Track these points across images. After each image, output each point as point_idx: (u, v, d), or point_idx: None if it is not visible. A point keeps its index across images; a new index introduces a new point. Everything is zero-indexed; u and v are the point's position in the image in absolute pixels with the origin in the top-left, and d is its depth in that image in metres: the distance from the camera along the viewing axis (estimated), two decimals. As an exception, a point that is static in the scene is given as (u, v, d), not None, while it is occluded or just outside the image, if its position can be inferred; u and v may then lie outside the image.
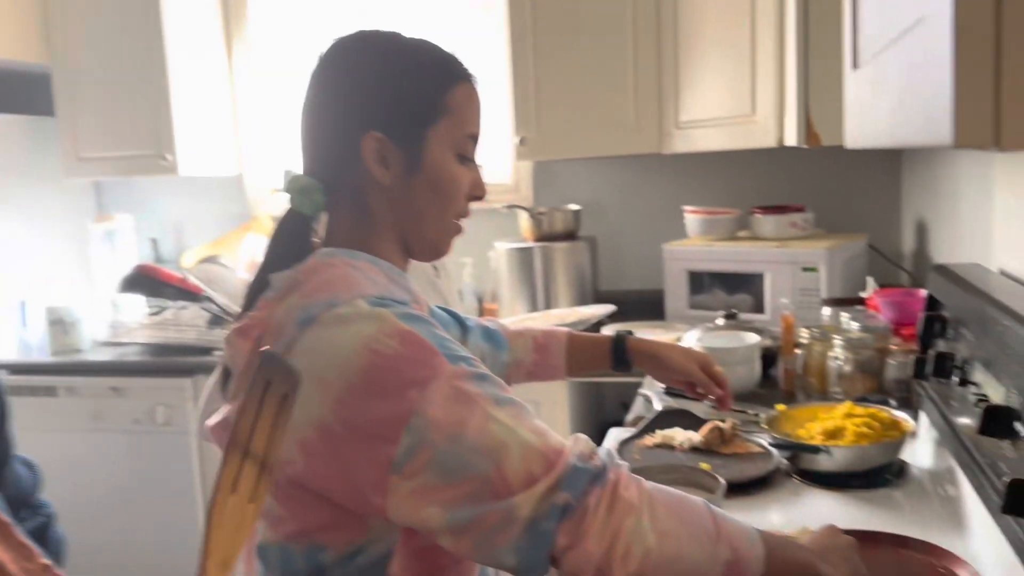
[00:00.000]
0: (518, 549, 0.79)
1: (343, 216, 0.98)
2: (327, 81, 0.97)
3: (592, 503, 0.79)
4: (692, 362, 1.38)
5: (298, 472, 0.85)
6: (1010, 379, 0.99)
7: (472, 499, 0.79)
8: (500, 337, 1.36)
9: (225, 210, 3.40)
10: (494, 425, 0.80)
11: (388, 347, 0.82)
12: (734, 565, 0.83)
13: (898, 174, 2.76)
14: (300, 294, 0.89)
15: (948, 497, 1.37)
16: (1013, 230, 1.41)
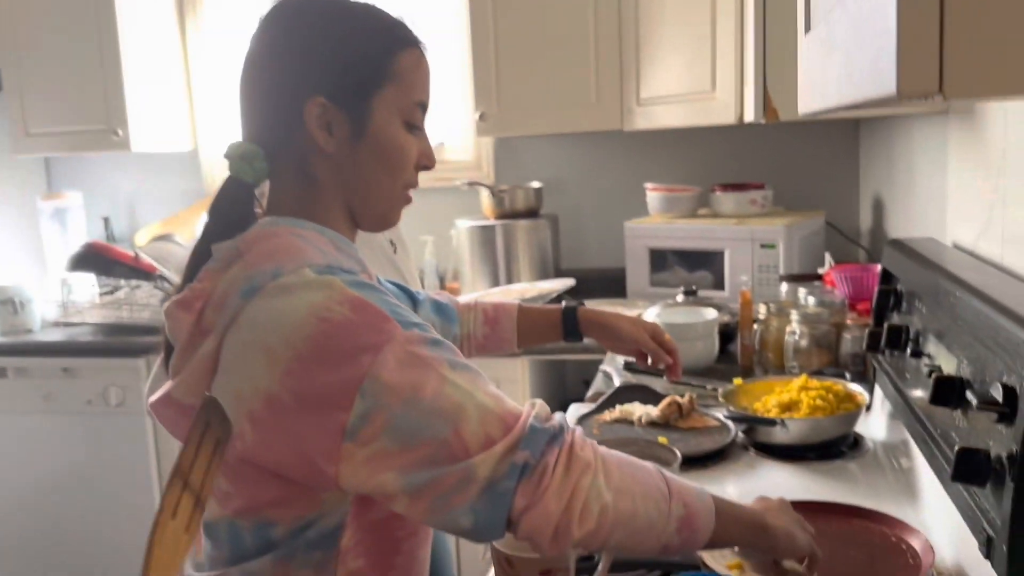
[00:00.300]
0: (475, 510, 0.79)
1: (286, 184, 0.95)
2: (269, 44, 0.94)
3: (551, 462, 0.79)
4: (641, 331, 1.37)
5: (247, 447, 0.84)
6: (961, 350, 1.00)
7: (429, 462, 0.79)
8: (451, 310, 1.35)
9: (179, 187, 3.33)
10: (450, 388, 0.80)
11: (339, 314, 0.80)
12: (687, 520, 0.85)
13: (855, 150, 2.79)
14: (243, 264, 0.86)
15: (901, 468, 1.39)
16: (965, 203, 1.42)
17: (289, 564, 0.89)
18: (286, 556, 0.88)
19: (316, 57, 0.91)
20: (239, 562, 0.90)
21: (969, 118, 1.39)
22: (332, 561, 0.89)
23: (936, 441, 1.06)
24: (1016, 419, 0.77)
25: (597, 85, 2.59)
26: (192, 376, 0.86)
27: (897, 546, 1.09)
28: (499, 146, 3.07)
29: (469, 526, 0.80)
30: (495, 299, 1.42)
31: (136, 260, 2.78)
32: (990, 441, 0.85)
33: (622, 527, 0.82)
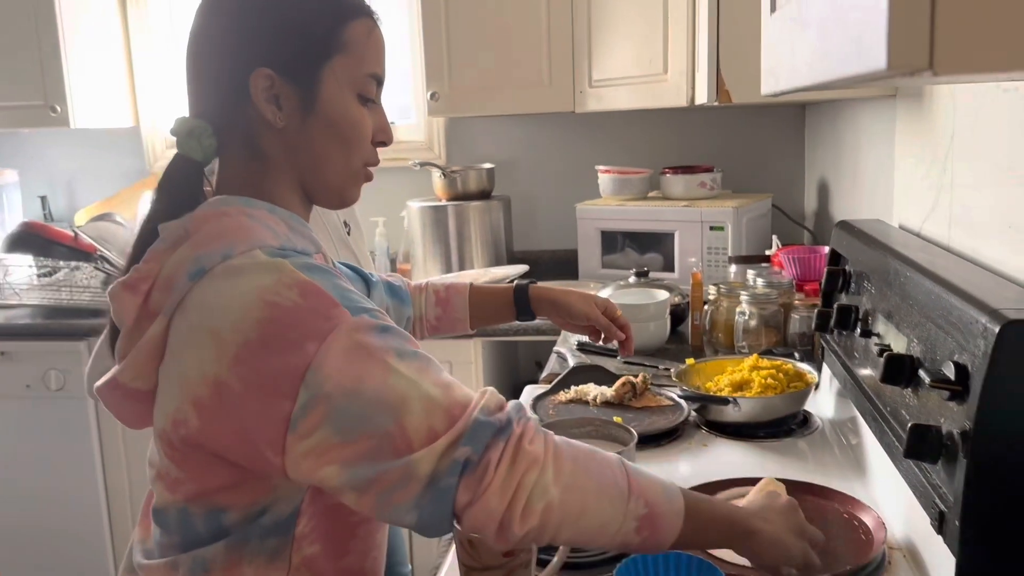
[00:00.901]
0: (419, 507, 0.77)
1: (235, 161, 0.92)
2: (213, 14, 0.90)
3: (494, 457, 0.76)
4: (593, 307, 1.36)
5: (192, 432, 0.82)
6: (911, 329, 1.02)
7: (371, 456, 0.76)
8: (404, 292, 1.33)
9: (120, 165, 3.24)
10: (395, 378, 0.77)
11: (287, 299, 0.78)
12: (648, 519, 0.82)
13: (801, 133, 2.83)
14: (191, 245, 0.83)
15: (850, 445, 1.42)
16: (912, 187, 1.45)
17: (243, 551, 0.87)
18: (239, 543, 0.86)
19: (261, 27, 0.87)
20: (190, 548, 0.87)
21: (917, 102, 1.42)
22: (287, 548, 0.88)
23: (886, 419, 1.08)
24: (969, 397, 0.78)
25: (549, 67, 2.58)
26: (139, 359, 0.84)
27: (849, 522, 1.12)
28: (451, 126, 3.04)
29: (414, 522, 0.78)
30: (445, 280, 1.40)
31: (75, 240, 2.69)
32: (941, 418, 0.87)
33: (570, 525, 0.79)
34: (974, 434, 0.77)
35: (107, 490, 2.66)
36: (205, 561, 0.87)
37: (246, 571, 0.87)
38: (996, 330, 0.76)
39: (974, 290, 0.87)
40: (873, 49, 0.36)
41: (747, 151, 2.86)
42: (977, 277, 0.97)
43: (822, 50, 0.48)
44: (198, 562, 0.87)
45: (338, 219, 1.61)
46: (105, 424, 2.60)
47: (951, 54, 0.35)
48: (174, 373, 0.82)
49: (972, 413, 0.77)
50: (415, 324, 1.35)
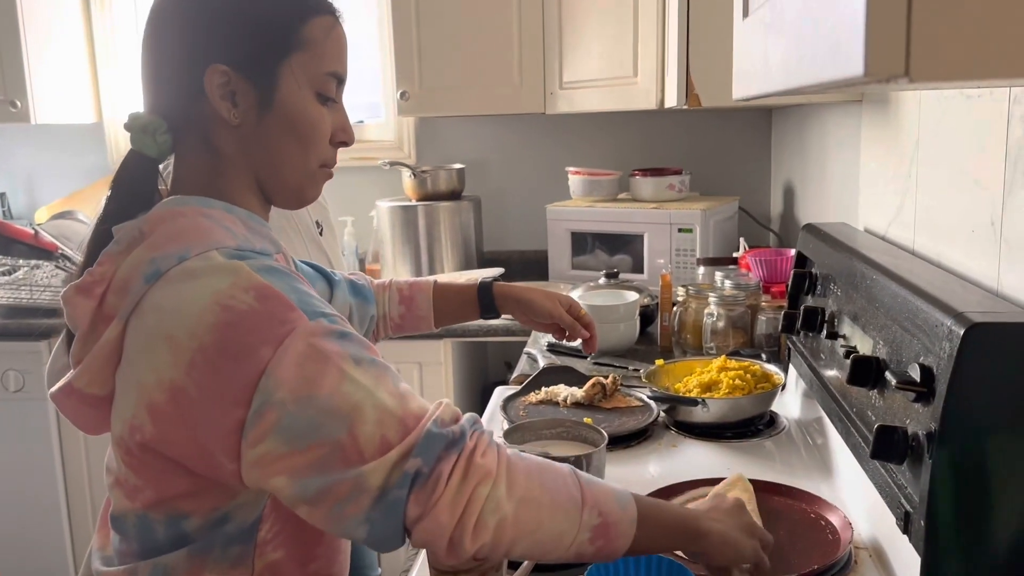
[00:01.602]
0: (370, 520, 0.75)
1: (190, 158, 0.90)
2: (169, 7, 0.88)
3: (445, 470, 0.74)
4: (557, 305, 1.34)
5: (148, 438, 0.80)
6: (877, 331, 1.03)
7: (321, 467, 0.74)
8: (367, 291, 1.31)
9: (82, 161, 3.18)
10: (349, 386, 0.75)
11: (242, 303, 0.76)
12: (602, 529, 0.81)
13: (768, 137, 2.87)
14: (146, 246, 0.81)
15: (816, 445, 1.44)
16: (877, 190, 1.48)
17: (205, 559, 0.85)
18: (202, 550, 0.84)
19: (218, 22, 0.85)
20: (150, 556, 0.85)
21: (883, 107, 1.44)
22: (249, 554, 0.86)
23: (852, 420, 1.09)
24: (934, 398, 0.80)
25: (520, 68, 2.58)
26: (94, 364, 0.82)
27: (816, 522, 1.13)
28: (421, 126, 3.03)
29: (364, 536, 0.76)
30: (410, 278, 1.39)
31: (36, 238, 2.64)
32: (907, 420, 0.88)
33: (525, 539, 0.78)
34: (939, 435, 0.78)
35: (67, 494, 2.61)
36: (167, 568, 0.85)
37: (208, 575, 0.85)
38: (961, 332, 0.77)
39: (939, 293, 0.88)
40: (850, 55, 0.37)
41: (715, 154, 2.89)
42: (942, 280, 0.99)
43: (797, 55, 0.49)
44: (158, 569, 0.85)
45: (310, 219, 1.60)
46: (66, 426, 2.55)
47: (927, 61, 0.35)
48: (131, 378, 0.80)
49: (937, 414, 0.78)
50: (379, 323, 1.34)
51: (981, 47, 0.35)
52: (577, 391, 1.63)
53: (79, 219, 2.86)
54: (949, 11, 0.35)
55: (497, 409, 1.63)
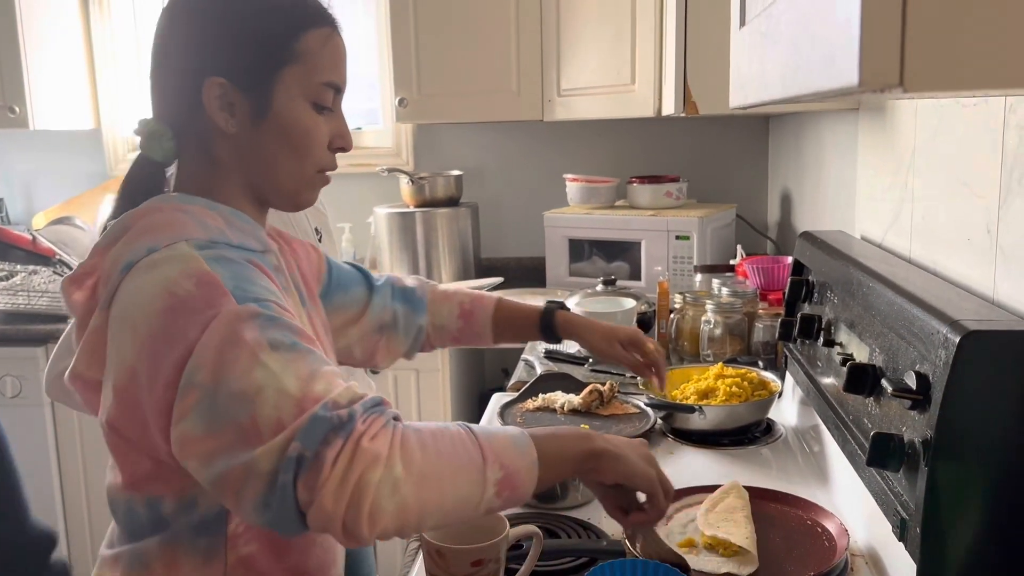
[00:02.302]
0: (267, 506, 0.74)
1: (190, 163, 0.95)
2: (173, 21, 0.92)
3: (330, 456, 0.73)
4: (614, 346, 1.30)
5: (111, 418, 0.85)
6: (873, 339, 1.03)
7: (227, 451, 0.75)
8: (417, 299, 1.31)
9: (80, 167, 3.18)
10: (259, 370, 0.76)
11: (183, 289, 0.80)
12: (507, 480, 0.81)
13: (765, 145, 2.87)
14: (125, 240, 0.86)
15: (812, 453, 1.44)
16: (874, 198, 1.48)
17: (176, 548, 0.87)
18: (173, 539, 0.87)
19: (216, 36, 0.90)
20: (133, 540, 0.90)
21: (879, 116, 1.45)
22: (221, 546, 0.87)
23: (848, 427, 1.10)
24: (930, 406, 0.80)
25: (518, 75, 2.59)
26: (87, 348, 0.87)
27: (813, 529, 1.13)
28: (419, 132, 3.04)
29: (265, 521, 0.76)
30: (473, 291, 1.37)
31: (34, 244, 2.64)
32: (903, 427, 0.89)
33: (432, 513, 0.78)
34: (935, 443, 0.78)
35: (64, 499, 2.60)
36: (143, 557, 0.88)
37: (184, 569, 0.88)
38: (957, 340, 0.77)
39: (935, 301, 0.89)
40: (845, 65, 0.37)
41: (712, 162, 2.89)
42: (938, 288, 0.99)
43: (793, 65, 0.49)
44: (136, 556, 0.89)
45: (309, 226, 1.60)
46: (62, 431, 2.55)
47: (921, 71, 0.35)
48: (107, 362, 0.85)
49: (933, 422, 0.79)
50: (434, 332, 1.33)
51: (975, 57, 0.35)
52: (574, 398, 1.63)
53: (77, 224, 2.86)
54: (943, 21, 0.35)
55: (494, 416, 1.63)
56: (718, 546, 1.08)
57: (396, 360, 1.29)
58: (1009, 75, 0.36)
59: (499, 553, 0.98)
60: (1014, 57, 0.36)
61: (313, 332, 1.00)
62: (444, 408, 2.44)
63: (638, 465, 0.90)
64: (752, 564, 1.04)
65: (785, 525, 1.15)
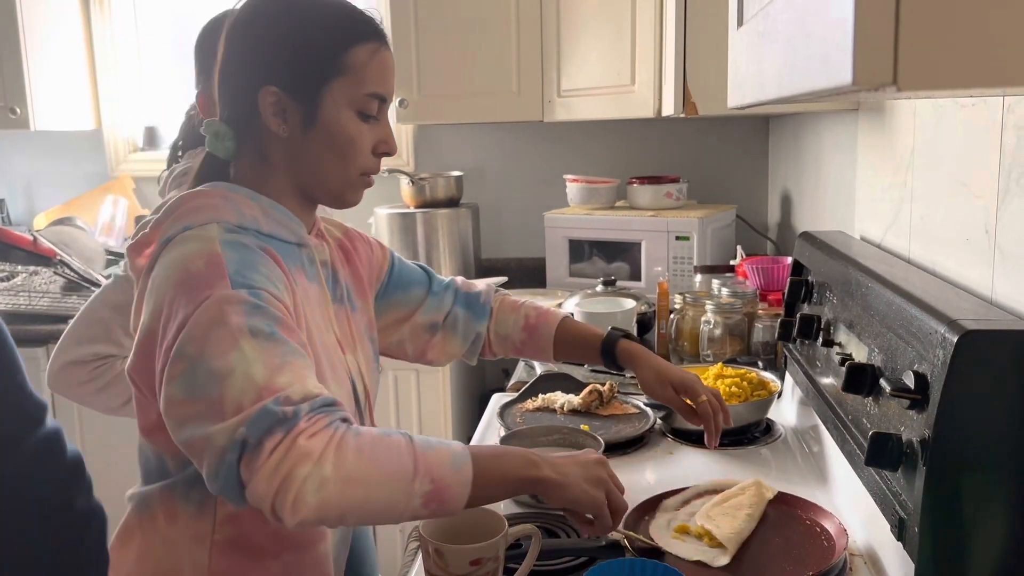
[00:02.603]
0: (217, 475, 0.83)
1: (247, 161, 1.04)
2: (235, 34, 1.01)
3: (269, 446, 0.81)
4: (666, 388, 1.24)
5: (131, 367, 0.96)
6: (872, 339, 1.04)
7: (197, 419, 0.84)
8: (480, 304, 1.33)
9: (81, 168, 3.19)
10: (235, 354, 0.84)
11: (195, 265, 0.90)
12: (435, 494, 0.87)
13: (765, 146, 2.87)
14: (172, 218, 0.97)
15: (811, 453, 1.44)
16: (873, 199, 1.48)
17: (175, 496, 0.99)
18: (172, 487, 0.99)
19: (272, 49, 0.99)
20: (147, 483, 1.02)
21: (879, 116, 1.45)
22: (211, 501, 0.97)
23: (847, 427, 1.10)
24: (928, 405, 0.80)
25: (518, 75, 2.59)
26: (138, 308, 0.98)
27: (811, 529, 1.13)
28: (419, 133, 3.04)
29: (215, 489, 0.85)
30: (540, 306, 1.37)
31: (34, 244, 2.64)
32: (901, 427, 0.89)
33: (355, 511, 0.84)
34: (933, 442, 0.78)
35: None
36: (148, 501, 1.01)
37: (181, 518, 0.99)
38: (955, 340, 0.77)
39: (933, 301, 0.89)
40: (839, 65, 0.37)
41: (712, 162, 2.89)
42: (936, 288, 0.99)
43: (789, 64, 0.49)
44: (143, 499, 1.02)
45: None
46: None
47: (914, 70, 0.36)
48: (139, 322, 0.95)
49: (931, 421, 0.79)
50: (496, 340, 1.34)
51: (969, 56, 0.35)
52: (574, 398, 1.63)
53: (78, 225, 2.86)
54: (937, 20, 0.35)
55: (494, 416, 1.64)
56: (705, 536, 1.11)
57: (452, 360, 1.34)
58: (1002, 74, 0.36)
59: (498, 552, 0.98)
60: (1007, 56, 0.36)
61: (347, 329, 1.10)
62: (444, 408, 2.44)
63: (583, 492, 0.95)
64: (727, 558, 1.06)
65: (784, 525, 1.15)
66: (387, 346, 1.27)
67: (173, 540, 0.99)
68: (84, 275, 2.62)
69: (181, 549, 0.99)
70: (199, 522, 0.98)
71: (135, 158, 3.22)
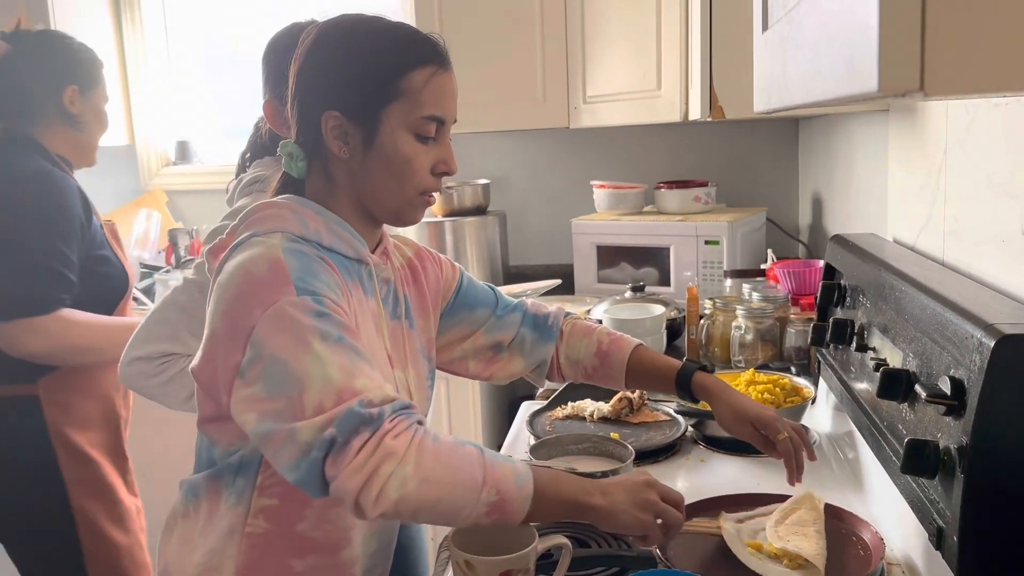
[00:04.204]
0: (297, 468, 0.90)
1: (314, 179, 1.09)
2: (303, 60, 1.06)
3: (356, 444, 0.88)
4: (745, 423, 1.21)
5: (195, 365, 1.01)
6: (907, 344, 1.02)
7: (277, 415, 0.91)
8: (548, 327, 1.33)
9: (115, 183, 3.24)
10: (309, 357, 0.91)
11: (258, 269, 0.95)
12: (498, 505, 0.93)
13: (795, 147, 2.84)
14: (244, 225, 1.03)
15: (847, 459, 1.42)
16: (906, 200, 1.46)
17: (220, 481, 1.05)
18: (218, 474, 1.05)
19: (333, 74, 1.04)
20: (198, 470, 1.09)
21: (910, 117, 1.43)
22: (250, 491, 1.04)
23: (883, 433, 1.08)
24: (965, 412, 0.78)
25: (544, 83, 2.59)
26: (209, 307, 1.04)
27: (848, 538, 1.11)
28: (445, 142, 3.04)
29: (294, 479, 0.91)
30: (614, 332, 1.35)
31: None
32: (938, 433, 0.87)
33: (426, 510, 0.91)
34: (971, 449, 0.76)
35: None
36: (195, 486, 1.08)
37: (221, 507, 1.05)
38: (991, 345, 0.76)
39: (969, 304, 0.87)
40: (865, 71, 0.36)
41: (741, 165, 2.87)
42: (972, 291, 0.97)
43: (814, 70, 0.49)
44: (192, 486, 1.08)
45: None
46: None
47: (941, 75, 0.35)
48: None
49: (969, 428, 0.77)
50: (567, 365, 1.33)
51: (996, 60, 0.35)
52: (604, 406, 1.62)
53: (112, 239, 2.90)
54: (963, 25, 0.34)
55: (523, 424, 1.63)
56: (783, 556, 1.07)
57: (514, 379, 1.37)
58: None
59: (528, 564, 0.97)
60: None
61: (401, 345, 1.14)
62: (474, 416, 2.44)
63: (631, 518, 0.99)
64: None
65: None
66: (449, 362, 1.32)
67: (209, 529, 1.06)
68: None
69: (215, 539, 1.05)
70: (235, 512, 1.05)
71: (167, 172, 3.27)
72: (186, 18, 3.26)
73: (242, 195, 1.53)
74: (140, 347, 1.41)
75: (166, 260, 3.03)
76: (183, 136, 3.28)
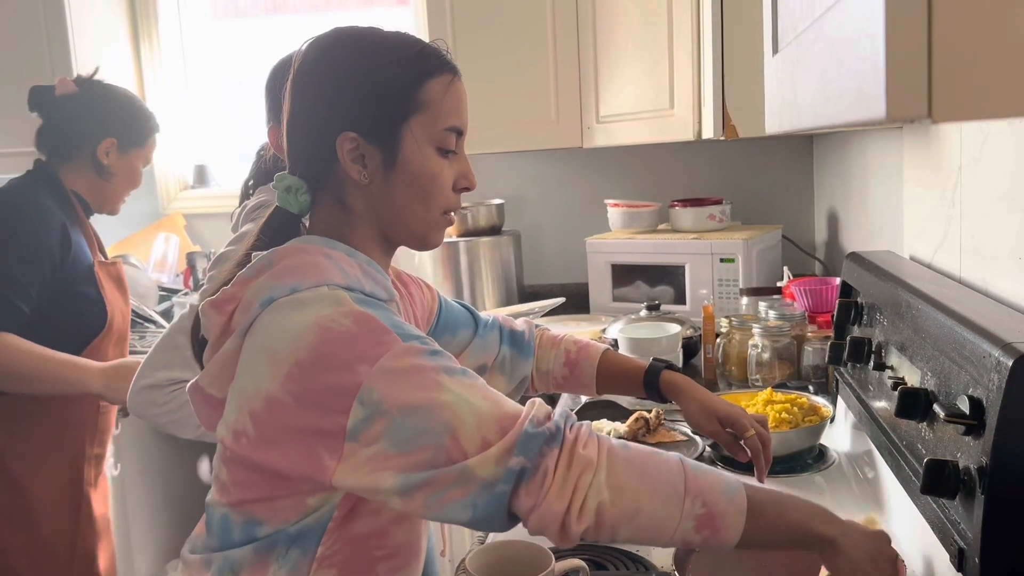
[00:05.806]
0: (474, 505, 0.82)
1: (325, 212, 0.99)
2: (303, 82, 0.97)
3: (550, 464, 0.81)
4: (712, 419, 1.21)
5: (249, 442, 0.88)
6: (925, 362, 1.01)
7: (427, 464, 0.82)
8: (526, 346, 1.32)
9: (134, 207, 3.25)
10: (447, 395, 0.83)
11: (341, 325, 0.85)
12: (707, 519, 0.84)
13: (810, 164, 2.84)
14: (270, 275, 0.91)
15: (866, 479, 1.40)
16: (922, 217, 1.45)
17: (269, 556, 0.92)
18: (267, 548, 0.92)
19: (344, 93, 0.94)
20: (224, 548, 0.94)
21: (924, 134, 1.42)
22: (308, 563, 0.92)
23: (902, 452, 1.07)
24: (984, 431, 0.78)
25: (557, 103, 2.60)
26: (215, 369, 0.92)
27: (867, 558, 1.10)
28: (459, 163, 3.06)
29: (468, 518, 0.83)
30: (580, 339, 1.35)
31: (89, 283, 2.70)
32: (958, 453, 0.86)
33: (626, 523, 0.83)
34: (991, 469, 0.76)
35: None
36: (235, 561, 0.93)
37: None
38: (1009, 364, 0.75)
39: (986, 323, 0.87)
40: (873, 97, 0.37)
41: (756, 183, 2.87)
42: (989, 309, 0.96)
43: (824, 94, 0.49)
44: (228, 561, 0.94)
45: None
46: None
47: (949, 102, 0.35)
48: (237, 388, 0.90)
49: (988, 448, 0.77)
50: (538, 377, 1.33)
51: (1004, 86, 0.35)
52: (620, 426, 1.62)
53: (131, 263, 2.93)
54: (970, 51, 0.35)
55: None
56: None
57: None
58: (1041, 101, 0.35)
59: (547, 585, 0.97)
60: (1045, 83, 0.35)
61: None
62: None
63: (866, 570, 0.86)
64: None
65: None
66: None
67: None
68: (138, 311, 2.68)
69: None
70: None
71: (185, 196, 3.30)
72: (203, 44, 3.30)
73: (246, 221, 1.53)
74: (148, 375, 1.38)
75: (184, 283, 3.05)
76: (201, 160, 3.32)
